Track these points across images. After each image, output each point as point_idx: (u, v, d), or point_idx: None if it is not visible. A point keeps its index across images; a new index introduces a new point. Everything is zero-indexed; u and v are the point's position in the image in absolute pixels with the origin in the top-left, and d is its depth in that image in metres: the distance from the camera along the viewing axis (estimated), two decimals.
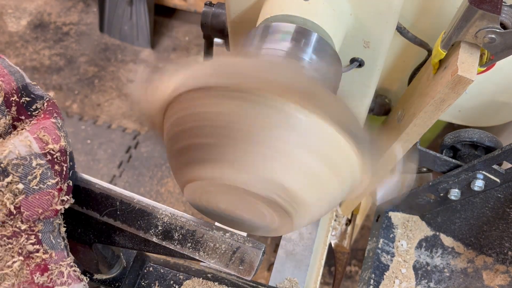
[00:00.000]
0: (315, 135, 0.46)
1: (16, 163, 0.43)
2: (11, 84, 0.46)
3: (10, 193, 0.43)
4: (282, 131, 0.45)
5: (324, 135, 0.46)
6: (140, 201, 0.55)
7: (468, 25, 0.53)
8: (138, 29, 2.39)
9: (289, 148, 0.45)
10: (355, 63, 0.64)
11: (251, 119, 0.45)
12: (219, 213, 0.58)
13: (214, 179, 0.49)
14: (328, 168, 0.47)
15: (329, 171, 0.48)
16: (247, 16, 0.64)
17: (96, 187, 0.55)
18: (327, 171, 0.48)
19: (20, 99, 0.47)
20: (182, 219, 0.55)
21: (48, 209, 0.44)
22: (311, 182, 0.48)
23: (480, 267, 0.80)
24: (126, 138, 2.10)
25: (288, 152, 0.45)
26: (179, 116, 0.49)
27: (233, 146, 0.46)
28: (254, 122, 0.45)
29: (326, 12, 0.55)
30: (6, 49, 2.40)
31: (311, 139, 0.46)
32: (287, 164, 0.46)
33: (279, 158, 0.46)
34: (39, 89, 0.50)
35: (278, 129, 0.45)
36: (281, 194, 0.47)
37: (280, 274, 0.87)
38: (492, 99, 0.81)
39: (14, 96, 0.47)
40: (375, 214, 0.92)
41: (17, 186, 0.43)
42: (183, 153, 0.50)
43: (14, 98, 0.47)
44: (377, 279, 0.82)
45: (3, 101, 0.46)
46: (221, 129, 0.46)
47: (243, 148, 0.46)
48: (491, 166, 0.71)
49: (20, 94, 0.48)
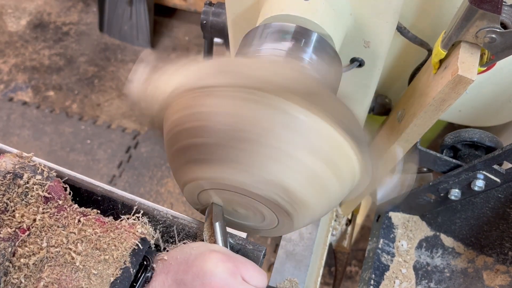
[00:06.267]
0: (316, 135, 0.46)
1: (20, 166, 0.49)
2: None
3: (36, 185, 0.49)
4: (283, 132, 0.45)
5: (325, 135, 0.46)
6: (141, 203, 0.55)
7: (469, 25, 0.53)
8: (138, 29, 2.38)
9: (289, 148, 0.45)
10: (355, 63, 0.64)
11: (252, 119, 0.45)
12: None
13: (214, 179, 0.49)
14: (329, 168, 0.47)
15: (330, 171, 0.48)
16: (247, 16, 0.64)
17: (98, 189, 0.55)
18: (327, 171, 0.47)
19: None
20: (183, 221, 0.55)
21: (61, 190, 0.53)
22: (311, 182, 0.48)
23: (480, 267, 0.80)
24: (126, 138, 2.10)
25: (288, 152, 0.45)
26: (179, 115, 0.49)
27: (234, 147, 0.46)
28: (255, 123, 0.45)
29: (326, 12, 0.55)
30: (6, 49, 2.40)
31: (311, 140, 0.46)
32: (287, 164, 0.46)
33: (280, 159, 0.45)
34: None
35: (279, 130, 0.45)
36: (282, 194, 0.47)
37: (280, 274, 0.87)
38: (492, 99, 0.81)
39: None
40: (375, 214, 0.92)
41: (35, 179, 0.49)
42: (183, 153, 0.50)
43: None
44: (377, 279, 0.82)
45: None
46: (221, 129, 0.46)
47: (243, 148, 0.46)
48: (492, 166, 0.71)
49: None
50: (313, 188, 0.48)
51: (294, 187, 0.47)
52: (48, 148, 2.05)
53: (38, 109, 2.18)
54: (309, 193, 0.48)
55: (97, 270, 0.45)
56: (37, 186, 0.49)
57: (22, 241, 0.46)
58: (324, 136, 0.46)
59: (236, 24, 0.67)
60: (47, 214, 0.48)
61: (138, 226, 0.50)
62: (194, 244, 0.51)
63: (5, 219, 0.46)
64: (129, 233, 0.48)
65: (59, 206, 0.50)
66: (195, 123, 0.47)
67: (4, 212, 0.47)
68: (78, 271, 0.44)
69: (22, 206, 0.48)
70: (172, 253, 0.49)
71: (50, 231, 0.47)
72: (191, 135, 0.48)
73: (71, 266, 0.45)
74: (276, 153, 0.45)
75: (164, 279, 0.47)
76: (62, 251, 0.46)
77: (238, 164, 0.47)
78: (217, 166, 0.48)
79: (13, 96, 2.23)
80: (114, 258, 0.45)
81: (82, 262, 0.45)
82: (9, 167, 0.48)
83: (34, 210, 0.48)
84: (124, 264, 0.46)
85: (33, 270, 0.45)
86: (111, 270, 0.45)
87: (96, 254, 0.46)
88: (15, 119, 2.14)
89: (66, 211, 0.50)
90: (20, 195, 0.48)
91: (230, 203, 0.54)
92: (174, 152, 0.51)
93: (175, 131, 0.50)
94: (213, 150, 0.47)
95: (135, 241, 0.47)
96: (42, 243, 0.46)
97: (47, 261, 0.45)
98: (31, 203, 0.48)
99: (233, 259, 0.48)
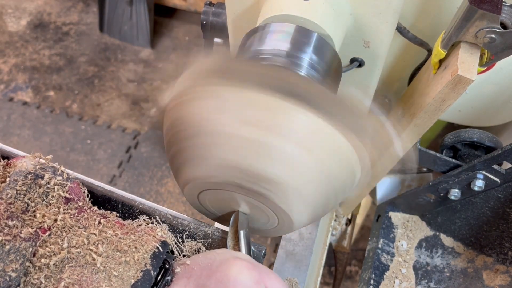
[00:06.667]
0: (288, 121, 0.46)
1: (41, 166, 0.50)
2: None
3: (57, 186, 0.49)
4: (216, 115, 0.46)
5: (297, 119, 0.46)
6: (142, 203, 0.55)
7: (468, 25, 0.53)
8: (138, 29, 2.39)
9: (226, 128, 0.46)
10: (355, 63, 0.64)
11: (191, 115, 0.48)
12: (218, 213, 0.58)
13: (198, 179, 0.50)
14: (307, 152, 0.47)
15: (308, 156, 0.47)
16: (247, 16, 0.64)
17: (98, 189, 0.55)
18: (305, 155, 0.47)
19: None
20: (183, 221, 0.55)
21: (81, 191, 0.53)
22: (291, 167, 0.47)
23: (480, 267, 0.80)
24: (126, 138, 2.10)
25: (225, 132, 0.46)
26: (171, 121, 0.51)
27: (205, 144, 0.48)
28: (193, 118, 0.47)
29: (326, 12, 0.55)
30: (6, 49, 2.40)
31: (285, 126, 0.46)
32: (230, 144, 0.47)
33: (221, 141, 0.47)
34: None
35: (212, 114, 0.46)
36: (239, 175, 0.48)
37: (280, 274, 0.87)
38: (492, 99, 0.81)
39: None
40: (375, 214, 0.92)
41: (55, 179, 0.49)
42: (177, 157, 0.52)
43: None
44: (377, 279, 0.82)
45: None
46: (193, 129, 0.48)
47: (190, 144, 0.48)
48: (491, 166, 0.71)
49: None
50: (293, 172, 0.47)
51: (273, 174, 0.47)
52: (48, 148, 2.05)
53: (38, 109, 2.18)
54: (291, 178, 0.47)
55: (118, 271, 0.45)
56: (58, 186, 0.49)
57: (43, 241, 0.46)
58: (297, 119, 0.46)
59: (236, 24, 0.67)
60: (68, 214, 0.48)
61: (157, 230, 0.50)
62: (218, 250, 0.50)
63: (26, 219, 0.46)
64: (149, 236, 0.48)
65: (79, 207, 0.50)
66: (180, 127, 0.50)
67: (25, 212, 0.47)
68: (99, 272, 0.44)
69: (43, 206, 0.48)
70: (195, 258, 0.49)
71: (71, 231, 0.48)
72: (179, 139, 0.50)
73: (91, 267, 0.45)
74: (217, 137, 0.47)
75: (186, 283, 0.47)
76: (83, 251, 0.46)
77: (192, 160, 0.49)
78: (197, 165, 0.50)
79: (13, 96, 2.23)
80: (135, 260, 0.46)
81: (103, 264, 0.45)
82: (30, 168, 0.48)
83: (55, 210, 0.48)
84: (145, 266, 0.45)
85: (53, 271, 0.45)
86: (132, 272, 0.45)
87: (117, 255, 0.46)
88: (15, 119, 2.14)
89: (86, 213, 0.50)
90: (41, 195, 0.48)
91: (228, 203, 0.54)
92: (171, 156, 0.54)
93: (169, 136, 0.52)
94: (192, 151, 0.49)
95: (156, 244, 0.47)
96: (63, 244, 0.46)
97: (67, 262, 0.45)
98: (52, 203, 0.48)
99: (258, 268, 0.48)
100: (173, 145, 0.52)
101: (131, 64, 2.36)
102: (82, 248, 0.46)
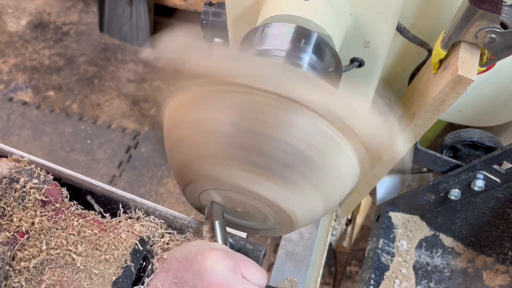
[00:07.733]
0: (288, 119, 0.45)
1: (16, 170, 0.50)
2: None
3: (33, 189, 0.49)
4: (255, 120, 0.45)
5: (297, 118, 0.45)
6: (141, 203, 0.55)
7: (469, 25, 0.53)
8: (138, 29, 2.39)
9: (262, 131, 0.45)
10: (355, 63, 0.64)
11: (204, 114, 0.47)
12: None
13: (198, 179, 0.50)
14: (307, 151, 0.46)
15: (308, 154, 0.46)
16: (247, 16, 0.64)
17: (98, 189, 0.55)
18: (305, 153, 0.46)
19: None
20: (183, 221, 0.55)
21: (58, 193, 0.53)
22: (291, 166, 0.47)
23: (480, 267, 0.80)
24: (126, 138, 2.10)
25: (267, 142, 0.45)
26: (171, 121, 0.51)
27: (205, 144, 0.47)
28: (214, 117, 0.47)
29: (326, 12, 0.55)
30: (6, 49, 2.40)
31: (285, 123, 0.45)
32: (267, 155, 0.46)
33: (255, 145, 0.46)
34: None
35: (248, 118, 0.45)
36: (266, 184, 0.47)
37: (280, 274, 0.87)
38: (492, 99, 0.81)
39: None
40: (375, 214, 0.92)
41: (31, 183, 0.50)
42: (177, 157, 0.52)
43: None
44: (377, 279, 0.82)
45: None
46: (193, 129, 0.48)
47: (212, 142, 0.47)
48: (491, 166, 0.71)
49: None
50: (277, 161, 0.47)
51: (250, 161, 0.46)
52: (48, 148, 2.05)
53: (38, 109, 2.18)
54: (274, 166, 0.47)
55: (99, 270, 0.45)
56: (34, 190, 0.49)
57: (21, 245, 0.46)
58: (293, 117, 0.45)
59: (236, 24, 0.67)
60: (45, 217, 0.49)
61: (136, 225, 0.50)
62: (194, 242, 0.51)
63: (3, 223, 0.47)
64: (129, 233, 0.48)
65: (56, 209, 0.50)
66: (175, 129, 0.50)
67: (2, 217, 0.47)
68: (79, 271, 0.45)
69: (19, 210, 0.48)
70: (172, 251, 0.50)
71: (49, 233, 0.48)
72: (177, 141, 0.50)
73: (72, 267, 0.45)
74: (217, 137, 0.46)
75: (164, 278, 0.47)
76: (62, 252, 0.46)
77: (192, 160, 0.49)
78: (188, 168, 0.50)
79: (13, 96, 2.23)
80: (115, 258, 0.46)
81: (83, 263, 0.45)
82: (5, 172, 0.49)
83: (32, 213, 0.48)
84: (125, 263, 0.46)
85: (33, 273, 0.45)
86: (112, 269, 0.45)
87: (97, 254, 0.46)
88: (15, 119, 2.14)
89: (64, 214, 0.50)
90: (17, 199, 0.48)
91: (230, 203, 0.54)
92: (170, 159, 0.53)
93: (168, 140, 0.52)
94: (189, 151, 0.49)
95: (135, 241, 0.48)
96: (42, 246, 0.46)
97: (47, 264, 0.46)
98: (29, 207, 0.49)
99: (233, 256, 0.48)
100: (173, 146, 0.51)
101: (131, 64, 2.36)
102: (61, 249, 0.46)
